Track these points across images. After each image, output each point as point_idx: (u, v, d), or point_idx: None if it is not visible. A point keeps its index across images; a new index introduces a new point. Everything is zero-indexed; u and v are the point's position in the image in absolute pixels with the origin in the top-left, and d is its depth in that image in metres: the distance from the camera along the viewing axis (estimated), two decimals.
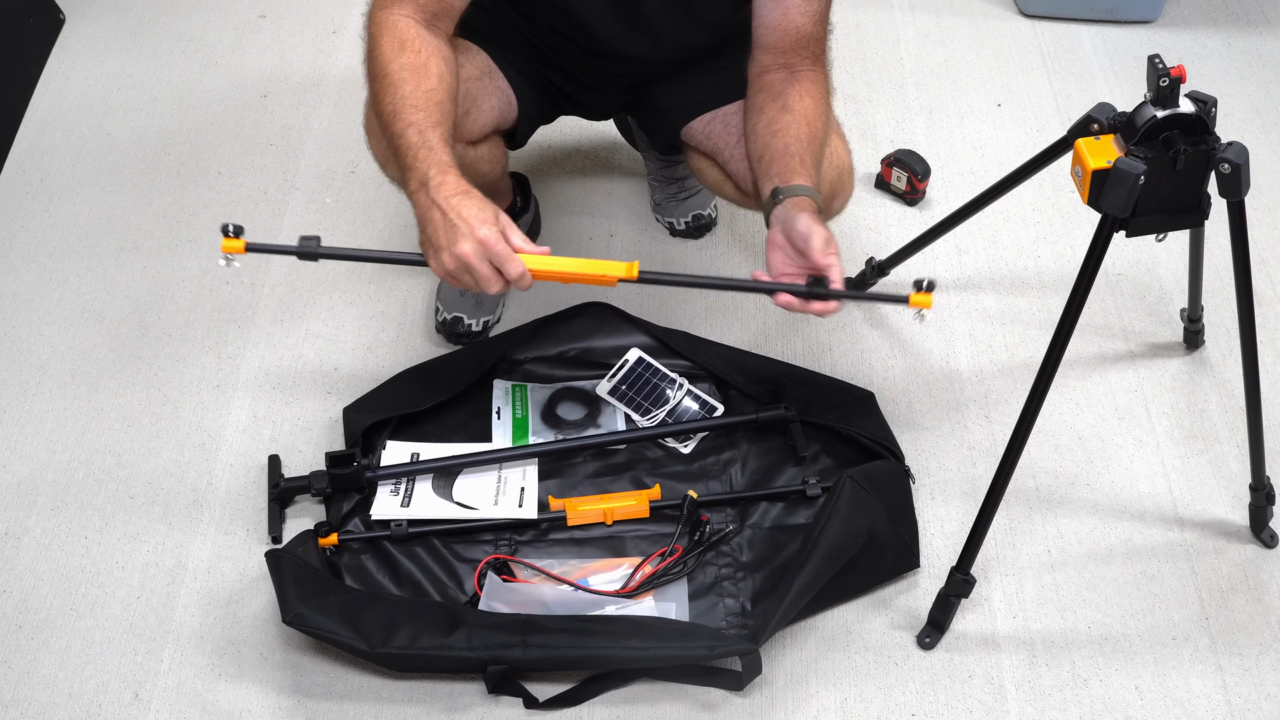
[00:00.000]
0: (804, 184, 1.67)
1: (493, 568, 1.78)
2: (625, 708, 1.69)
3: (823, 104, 1.78)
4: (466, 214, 1.52)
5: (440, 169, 1.55)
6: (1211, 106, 1.50)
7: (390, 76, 1.61)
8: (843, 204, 1.92)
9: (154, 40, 2.72)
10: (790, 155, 1.71)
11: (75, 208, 2.37)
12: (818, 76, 1.80)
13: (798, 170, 1.69)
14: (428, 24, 1.67)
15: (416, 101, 1.59)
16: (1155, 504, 1.93)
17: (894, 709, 1.70)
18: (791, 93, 1.77)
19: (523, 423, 1.98)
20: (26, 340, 2.14)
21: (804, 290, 1.58)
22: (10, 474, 1.96)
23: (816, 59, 1.81)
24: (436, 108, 1.60)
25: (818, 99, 1.78)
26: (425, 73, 1.61)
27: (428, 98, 1.60)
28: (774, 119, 1.75)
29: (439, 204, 1.53)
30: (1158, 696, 1.71)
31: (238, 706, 1.70)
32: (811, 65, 1.80)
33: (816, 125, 1.75)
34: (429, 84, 1.61)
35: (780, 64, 1.80)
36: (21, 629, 1.78)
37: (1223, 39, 2.76)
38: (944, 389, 2.08)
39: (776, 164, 1.71)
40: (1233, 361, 2.03)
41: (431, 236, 1.54)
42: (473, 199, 1.54)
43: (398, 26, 1.64)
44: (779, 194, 1.66)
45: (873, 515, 1.77)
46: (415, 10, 1.66)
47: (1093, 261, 1.56)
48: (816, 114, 1.76)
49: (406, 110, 1.59)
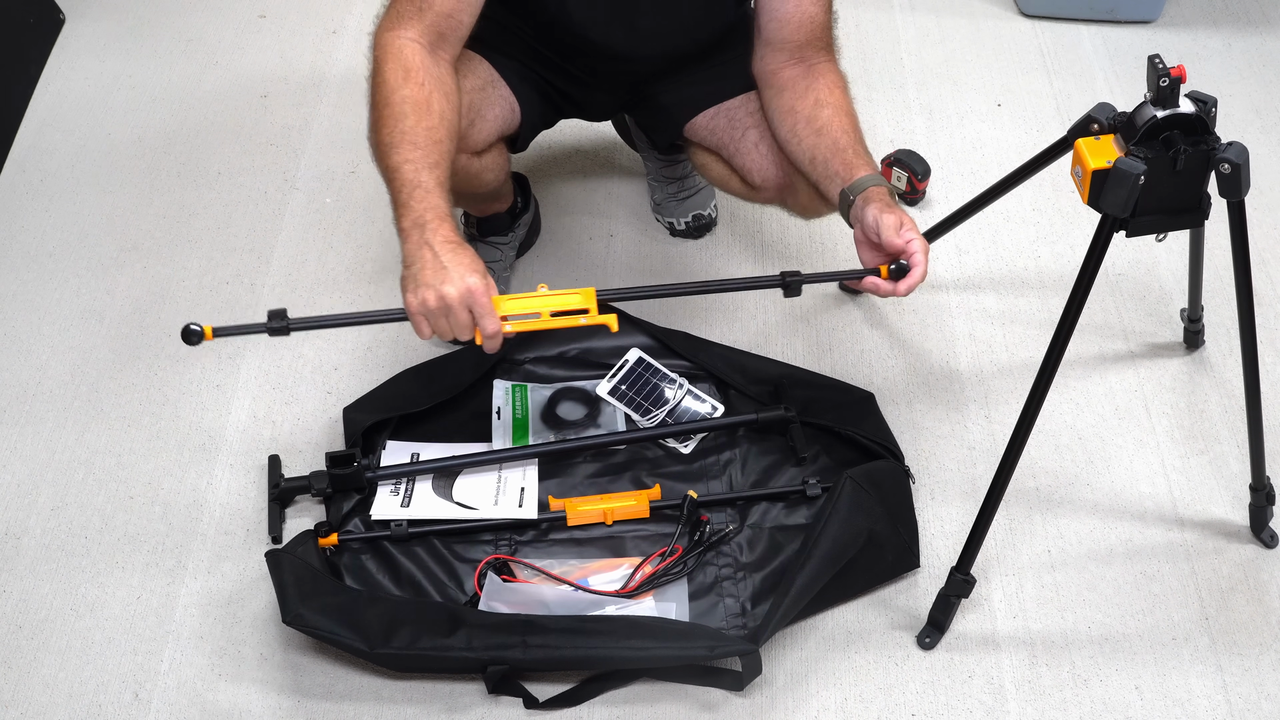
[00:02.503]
0: (866, 174, 1.71)
1: (493, 568, 1.78)
2: (625, 708, 1.69)
3: (848, 93, 1.82)
4: (460, 261, 1.53)
5: (438, 216, 1.56)
6: (1211, 106, 1.50)
7: (392, 108, 1.61)
8: None
9: (154, 40, 2.72)
10: (843, 149, 1.75)
11: (75, 208, 2.37)
12: (833, 67, 1.83)
13: (854, 163, 1.73)
14: (432, 48, 1.66)
15: (416, 139, 1.59)
16: (1155, 504, 1.93)
17: (894, 709, 1.70)
18: (819, 87, 1.79)
19: (523, 423, 1.98)
20: (26, 340, 2.14)
21: (779, 282, 1.67)
22: (10, 474, 1.96)
23: (828, 47, 1.82)
24: (435, 147, 1.60)
25: (844, 89, 1.82)
26: (428, 109, 1.61)
27: (428, 135, 1.60)
28: (812, 116, 1.78)
29: (433, 246, 1.54)
30: (1158, 696, 1.71)
31: (238, 706, 1.70)
32: (826, 55, 1.81)
33: (853, 114, 1.79)
34: (430, 121, 1.61)
35: (795, 59, 1.81)
36: (21, 629, 1.78)
37: (1223, 39, 2.76)
38: (944, 389, 2.08)
39: (834, 163, 1.74)
40: (1233, 361, 2.03)
41: (418, 273, 1.54)
42: (466, 251, 1.55)
43: (403, 53, 1.64)
44: (848, 194, 1.71)
45: (873, 515, 1.77)
46: (420, 34, 1.65)
47: (1093, 261, 1.56)
48: (848, 103, 1.80)
49: (404, 146, 1.59)
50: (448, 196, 1.60)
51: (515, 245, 2.20)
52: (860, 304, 2.20)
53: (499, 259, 2.16)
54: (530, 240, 2.27)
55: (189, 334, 1.54)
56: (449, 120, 1.64)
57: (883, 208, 1.65)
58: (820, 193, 1.79)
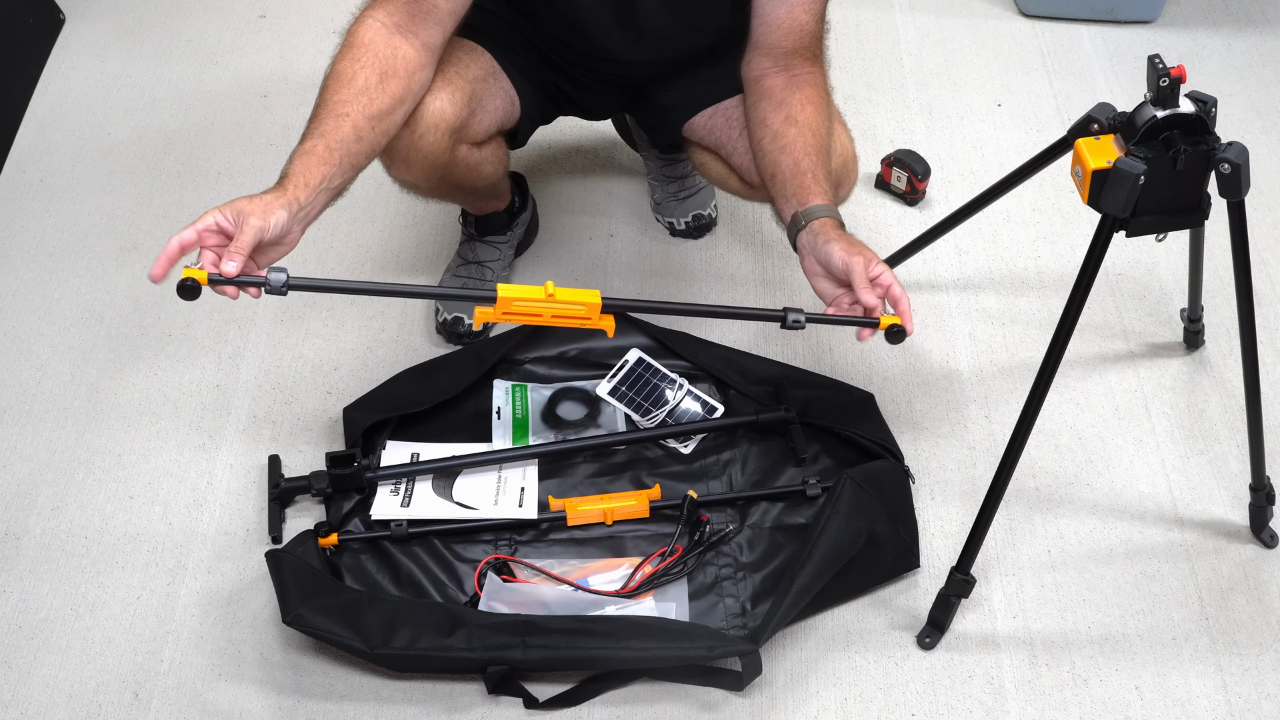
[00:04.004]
0: (821, 203, 1.71)
1: (493, 568, 1.78)
2: (625, 708, 1.69)
3: (824, 108, 1.80)
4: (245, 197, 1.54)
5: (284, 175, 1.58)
6: (1211, 106, 1.50)
7: (325, 78, 1.65)
8: (848, 191, 1.93)
9: (154, 40, 2.72)
10: (802, 173, 1.74)
11: (75, 208, 2.37)
12: (817, 79, 1.81)
13: (812, 188, 1.72)
14: (399, 28, 1.67)
15: (320, 111, 1.63)
16: (1155, 504, 1.93)
17: (894, 709, 1.70)
18: (794, 102, 1.78)
19: (523, 423, 1.98)
20: (26, 340, 2.14)
21: (778, 316, 1.69)
22: (10, 474, 1.96)
23: (815, 58, 1.82)
24: (335, 119, 1.61)
25: (819, 105, 1.80)
26: (349, 81, 1.63)
27: (333, 108, 1.62)
28: (779, 133, 1.77)
29: None
30: (1158, 696, 1.71)
31: (238, 706, 1.70)
32: (811, 66, 1.81)
33: (821, 134, 1.77)
34: (343, 93, 1.63)
35: (779, 67, 1.81)
36: (21, 629, 1.78)
37: (1223, 39, 2.76)
38: (944, 389, 2.08)
39: (790, 184, 1.74)
40: (1233, 361, 2.03)
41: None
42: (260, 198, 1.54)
43: (356, 32, 1.67)
44: (799, 219, 1.71)
45: (873, 515, 1.77)
46: (389, 14, 1.67)
47: (1093, 261, 1.56)
48: (820, 122, 1.78)
49: (312, 120, 1.63)
50: (319, 160, 1.58)
51: (513, 244, 2.20)
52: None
53: (497, 258, 2.16)
54: (528, 240, 2.27)
55: (184, 289, 1.49)
56: (369, 94, 1.64)
57: (847, 248, 1.64)
58: (775, 209, 1.79)
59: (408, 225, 2.33)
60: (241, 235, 1.49)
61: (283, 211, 1.53)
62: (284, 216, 1.53)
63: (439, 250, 2.28)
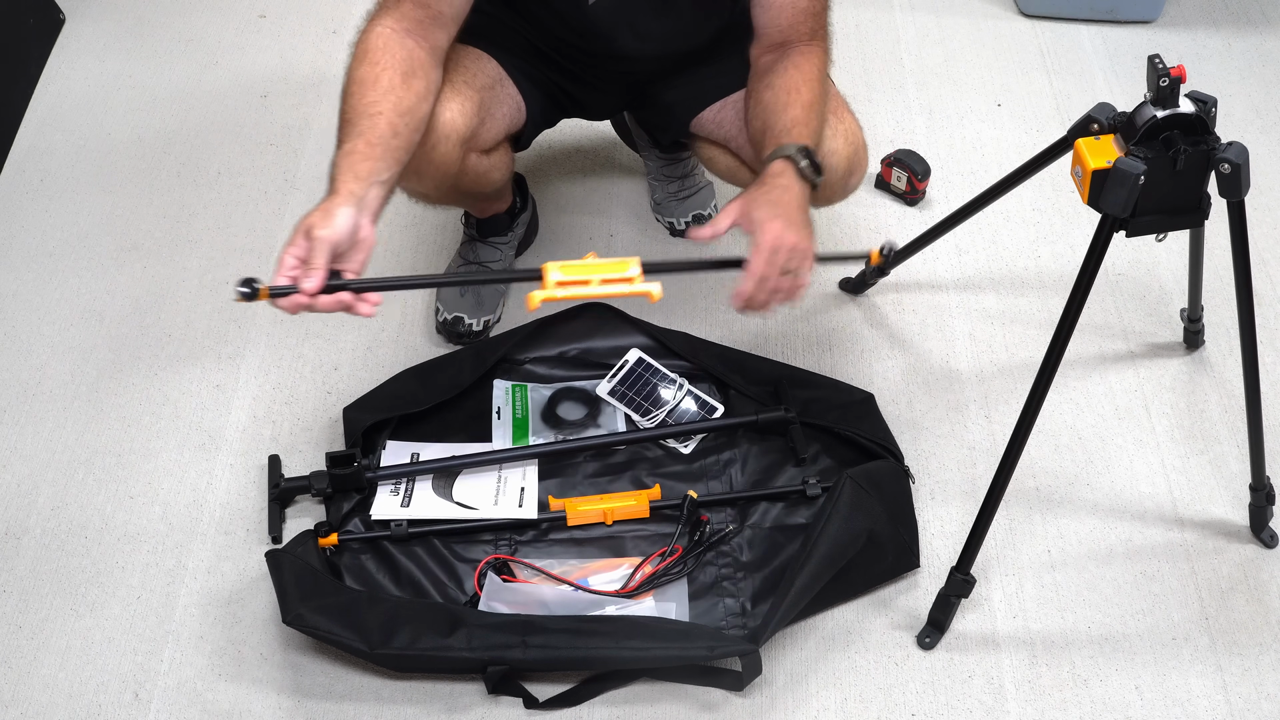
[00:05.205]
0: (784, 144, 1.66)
1: (493, 568, 1.78)
2: (625, 708, 1.69)
3: (809, 71, 1.76)
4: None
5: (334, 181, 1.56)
6: (1211, 106, 1.50)
7: (345, 88, 1.64)
8: (859, 180, 1.91)
9: (154, 40, 2.72)
10: (771, 128, 1.70)
11: (75, 208, 2.37)
12: (812, 50, 1.77)
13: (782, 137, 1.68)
14: (409, 33, 1.67)
15: (351, 115, 1.61)
16: (1155, 504, 1.93)
17: (894, 709, 1.70)
18: (776, 69, 1.76)
19: (523, 423, 1.98)
20: (26, 340, 2.14)
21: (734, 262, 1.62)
22: (10, 474, 1.96)
23: (814, 34, 1.79)
24: (368, 120, 1.61)
25: (804, 69, 1.75)
26: (374, 84, 1.63)
27: (366, 109, 1.61)
28: (758, 96, 1.76)
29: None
30: (1158, 696, 1.72)
31: (238, 706, 1.70)
32: (808, 40, 1.78)
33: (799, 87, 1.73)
34: (372, 95, 1.62)
35: (776, 45, 1.79)
36: (21, 629, 1.78)
37: (1223, 39, 2.76)
38: (944, 389, 2.08)
39: (768, 133, 1.70)
40: (1233, 361, 2.03)
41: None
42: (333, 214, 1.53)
43: (367, 40, 1.66)
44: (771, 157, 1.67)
45: (873, 515, 1.77)
46: (396, 21, 1.67)
47: (1093, 261, 1.56)
48: (800, 80, 1.74)
49: (344, 125, 1.62)
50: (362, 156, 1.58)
51: (514, 245, 2.20)
52: (860, 304, 2.20)
53: (498, 259, 2.16)
54: (529, 239, 2.27)
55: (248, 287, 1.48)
56: (396, 92, 1.63)
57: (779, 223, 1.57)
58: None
59: (408, 225, 2.33)
60: (315, 254, 1.50)
61: (343, 208, 1.52)
62: (348, 212, 1.52)
63: (439, 250, 2.28)
